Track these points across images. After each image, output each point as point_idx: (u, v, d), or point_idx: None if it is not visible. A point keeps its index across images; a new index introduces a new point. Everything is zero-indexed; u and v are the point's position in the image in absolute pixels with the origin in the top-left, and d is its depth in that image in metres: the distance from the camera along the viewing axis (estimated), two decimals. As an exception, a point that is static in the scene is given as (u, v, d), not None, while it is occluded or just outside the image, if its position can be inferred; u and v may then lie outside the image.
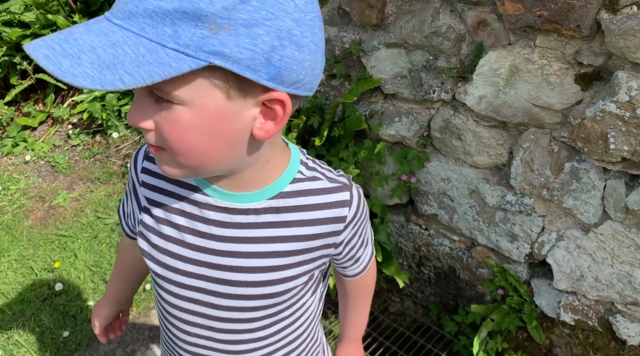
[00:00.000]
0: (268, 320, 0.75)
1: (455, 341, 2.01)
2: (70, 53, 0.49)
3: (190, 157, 0.60)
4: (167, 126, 0.57)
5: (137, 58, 0.50)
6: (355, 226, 0.74)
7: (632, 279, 1.45)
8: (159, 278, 0.74)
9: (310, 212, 0.69)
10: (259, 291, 0.71)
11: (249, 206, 0.68)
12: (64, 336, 1.95)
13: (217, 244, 0.70)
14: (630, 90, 1.25)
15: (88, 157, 2.82)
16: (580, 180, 1.46)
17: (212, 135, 0.59)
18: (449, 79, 1.66)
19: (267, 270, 0.70)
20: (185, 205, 0.71)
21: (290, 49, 0.55)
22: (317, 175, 0.71)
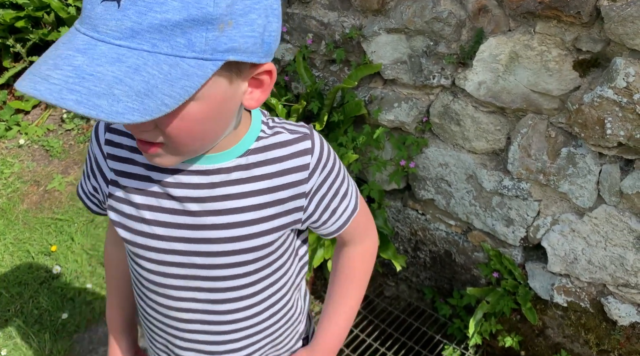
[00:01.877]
0: (249, 278, 0.76)
1: (449, 324, 2.05)
2: (100, 91, 0.47)
3: (195, 144, 0.62)
4: (177, 122, 0.57)
5: (166, 77, 0.50)
6: (322, 174, 0.75)
7: (624, 261, 1.49)
8: (137, 246, 0.75)
9: (276, 164, 0.72)
10: (238, 246, 0.73)
11: (220, 166, 0.71)
12: (63, 319, 1.96)
13: (193, 205, 0.71)
14: (627, 76, 1.28)
15: (83, 141, 2.81)
16: (577, 165, 1.50)
17: (217, 119, 0.62)
18: (449, 64, 1.68)
19: (243, 225, 0.72)
20: (155, 173, 0.72)
21: (275, 22, 0.58)
22: (278, 130, 0.74)
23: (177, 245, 0.73)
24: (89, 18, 0.50)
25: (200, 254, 0.73)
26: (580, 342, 1.72)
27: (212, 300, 0.77)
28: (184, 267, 0.74)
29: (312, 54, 2.09)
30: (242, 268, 0.75)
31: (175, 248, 0.73)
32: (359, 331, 2.06)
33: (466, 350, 1.95)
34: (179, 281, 0.76)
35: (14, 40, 2.79)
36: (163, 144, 0.60)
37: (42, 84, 0.47)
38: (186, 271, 0.75)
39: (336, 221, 0.81)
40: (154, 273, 0.76)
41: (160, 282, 0.77)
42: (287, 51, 2.17)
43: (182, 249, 0.73)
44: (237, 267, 0.75)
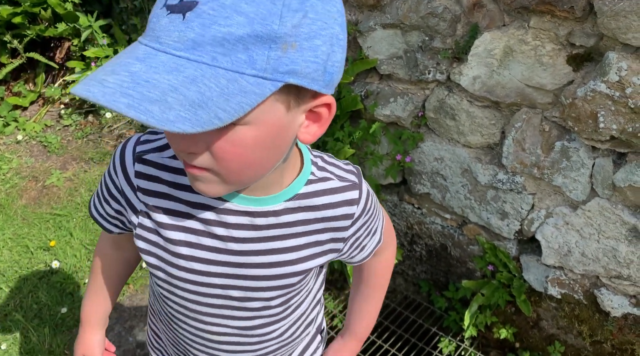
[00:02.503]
0: (280, 308, 0.80)
1: (445, 316, 2.07)
2: (154, 97, 0.46)
3: (245, 173, 0.60)
4: (228, 147, 0.56)
5: (223, 91, 0.49)
6: (362, 221, 0.77)
7: (617, 253, 1.51)
8: (170, 276, 0.75)
9: (322, 211, 0.73)
10: (275, 284, 0.75)
11: (268, 209, 0.71)
12: (62, 313, 1.98)
13: (236, 245, 0.72)
14: (620, 70, 1.30)
15: (81, 137, 2.81)
16: (570, 158, 1.52)
17: (271, 148, 0.60)
18: (444, 59, 1.69)
19: (283, 264, 0.74)
20: (199, 211, 0.71)
21: (339, 53, 0.57)
22: (327, 175, 0.74)
23: (214, 280, 0.75)
24: (153, 30, 0.50)
25: (237, 288, 0.75)
26: (574, 333, 1.74)
27: (243, 326, 0.80)
28: (219, 298, 0.77)
29: (308, 50, 2.10)
30: (275, 301, 0.78)
31: (213, 282, 0.75)
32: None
33: (462, 342, 1.98)
34: (211, 310, 0.78)
35: (11, 36, 2.80)
36: (209, 170, 0.59)
37: (96, 87, 0.47)
38: (221, 301, 0.77)
39: (361, 253, 0.84)
40: (186, 300, 0.78)
41: (191, 308, 0.79)
42: (284, 46, 2.18)
43: (219, 284, 0.75)
44: (271, 300, 0.78)
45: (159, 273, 0.77)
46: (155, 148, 0.72)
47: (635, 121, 1.32)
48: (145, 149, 0.72)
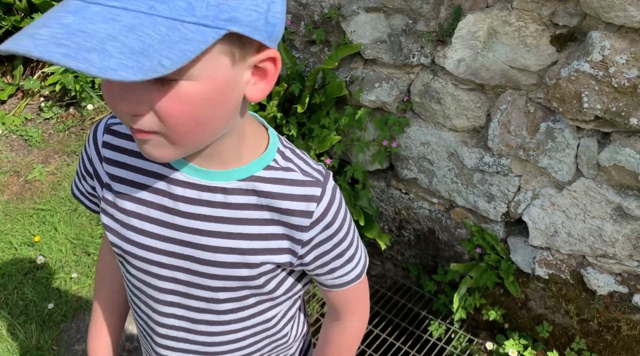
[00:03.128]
0: (230, 304, 0.74)
1: (434, 299, 2.08)
2: (91, 46, 0.44)
3: (192, 133, 0.58)
4: (175, 105, 0.54)
5: (164, 39, 0.47)
6: (327, 231, 0.71)
7: (602, 232, 1.53)
8: (125, 254, 0.73)
9: (278, 200, 0.69)
10: (222, 272, 0.71)
11: (217, 184, 0.67)
12: (49, 309, 1.95)
13: (182, 220, 0.69)
14: (603, 49, 1.30)
15: (62, 130, 2.76)
16: (555, 139, 1.52)
17: (219, 105, 0.58)
18: (428, 43, 1.68)
19: (232, 252, 0.69)
20: (152, 180, 0.69)
21: (279, 4, 0.56)
22: (291, 166, 0.70)
23: (163, 258, 0.72)
24: None
25: (183, 271, 0.72)
26: (562, 313, 1.76)
27: (193, 319, 0.76)
28: (167, 281, 0.73)
29: (291, 35, 2.07)
30: (221, 293, 0.73)
31: (161, 261, 0.72)
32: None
33: (451, 325, 1.99)
34: (160, 295, 0.74)
35: (-14, 28, 2.72)
36: (157, 133, 0.57)
37: (26, 40, 0.44)
38: (168, 284, 0.73)
39: (335, 279, 0.77)
40: (139, 280, 0.75)
41: (143, 290, 0.76)
42: (267, 33, 2.15)
43: (167, 263, 0.72)
44: (218, 292, 0.73)
45: (116, 249, 0.74)
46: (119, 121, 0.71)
47: (618, 100, 1.32)
48: (116, 121, 0.72)
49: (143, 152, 0.61)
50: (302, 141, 2.04)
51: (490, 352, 1.90)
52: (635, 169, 1.37)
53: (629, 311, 1.59)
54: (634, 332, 1.61)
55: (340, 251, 0.74)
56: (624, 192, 1.45)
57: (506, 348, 1.83)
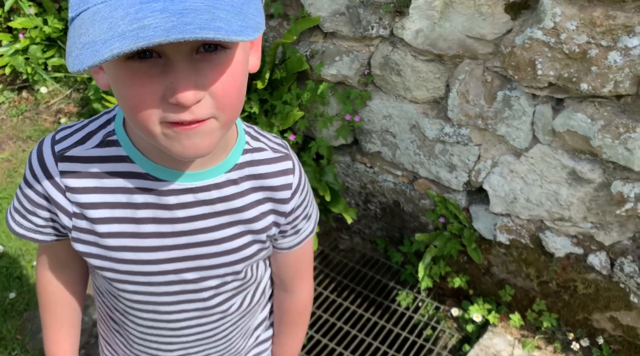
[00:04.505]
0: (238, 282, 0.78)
1: (402, 270, 2.12)
2: (209, 16, 0.47)
3: (237, 108, 0.59)
4: (227, 78, 0.55)
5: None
6: (302, 195, 0.77)
7: (558, 197, 1.58)
8: (121, 274, 0.72)
9: (262, 180, 0.72)
10: (229, 259, 0.74)
11: (209, 182, 0.69)
12: (11, 298, 1.90)
13: (183, 225, 0.70)
14: (554, 16, 1.32)
15: (16, 115, 2.66)
16: (512, 107, 1.55)
17: (246, 74, 0.59)
18: (387, 14, 1.67)
19: (234, 238, 0.73)
20: (136, 197, 0.68)
21: None
22: (262, 146, 0.74)
23: (166, 266, 0.72)
24: None
25: (191, 270, 0.73)
26: (522, 276, 1.82)
27: (204, 307, 0.77)
28: (174, 284, 0.74)
29: (249, 10, 2.03)
30: (231, 277, 0.76)
31: (164, 269, 0.72)
32: (316, 285, 2.11)
33: (418, 294, 2.04)
34: (168, 298, 0.75)
35: None
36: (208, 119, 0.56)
37: (137, 34, 0.45)
38: (177, 287, 0.74)
39: (295, 239, 0.82)
40: (140, 293, 0.75)
41: (146, 300, 0.75)
42: (224, 8, 2.10)
43: (171, 269, 0.72)
44: (226, 276, 0.75)
45: (107, 274, 0.73)
46: (77, 142, 0.68)
47: (570, 66, 1.35)
48: (66, 145, 0.68)
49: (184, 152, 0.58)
50: (265, 118, 2.02)
51: (456, 318, 1.96)
52: (587, 134, 1.41)
53: (584, 271, 1.66)
54: (589, 291, 1.68)
55: (307, 212, 0.80)
56: (577, 156, 1.50)
57: (471, 313, 1.89)
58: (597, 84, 1.33)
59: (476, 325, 1.89)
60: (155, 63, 0.52)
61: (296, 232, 0.81)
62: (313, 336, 1.90)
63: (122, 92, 0.55)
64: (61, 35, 2.56)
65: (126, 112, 0.57)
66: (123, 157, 0.67)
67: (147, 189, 0.67)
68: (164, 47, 0.51)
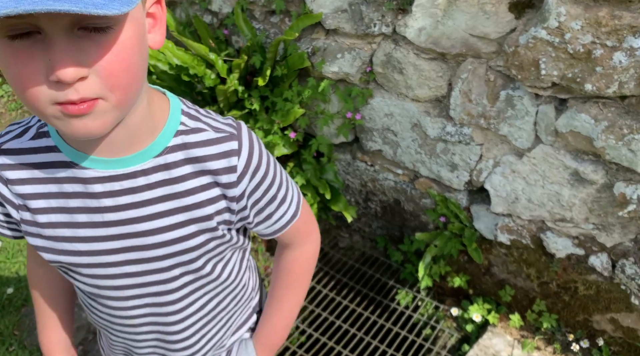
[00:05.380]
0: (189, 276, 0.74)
1: (401, 269, 2.12)
2: None
3: (131, 87, 0.57)
4: (112, 56, 0.53)
5: None
6: (255, 178, 0.71)
7: (560, 197, 1.56)
8: (67, 266, 0.72)
9: (199, 164, 0.68)
10: (169, 250, 0.70)
11: (135, 169, 0.66)
12: (9, 294, 1.90)
13: (113, 215, 0.68)
14: (559, 16, 1.30)
15: (15, 108, 2.64)
16: (515, 107, 1.53)
17: (142, 52, 0.58)
18: (389, 11, 1.66)
19: (171, 228, 0.69)
20: (65, 186, 0.67)
21: None
22: (201, 126, 0.69)
23: (104, 258, 0.70)
24: None
25: (132, 263, 0.71)
26: (523, 277, 1.82)
27: (157, 303, 0.75)
28: (120, 278, 0.72)
29: (251, 5, 2.01)
30: (180, 269, 0.72)
31: (105, 261, 0.70)
32: (315, 283, 2.10)
33: (418, 293, 2.03)
34: (120, 292, 0.73)
35: None
36: (99, 99, 0.54)
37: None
38: (124, 281, 0.72)
39: (272, 225, 0.78)
40: (91, 285, 0.73)
41: (99, 293, 0.74)
42: (225, 3, 2.08)
43: (112, 261, 0.70)
44: (174, 269, 0.72)
45: (55, 265, 0.72)
46: (15, 136, 0.68)
47: (574, 66, 1.33)
48: (5, 139, 0.68)
49: (75, 133, 0.56)
50: (266, 115, 2.00)
51: (455, 318, 1.95)
52: (590, 134, 1.40)
53: (585, 272, 1.65)
54: (590, 292, 1.67)
55: (272, 195, 0.75)
56: (580, 157, 1.49)
57: (471, 313, 1.88)
58: (602, 84, 1.31)
59: (476, 325, 1.88)
60: (36, 40, 0.51)
61: (268, 217, 0.76)
62: (312, 334, 1.90)
63: (9, 74, 0.54)
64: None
65: (17, 94, 0.56)
66: (52, 147, 0.66)
67: (74, 178, 0.66)
68: (41, 22, 0.50)
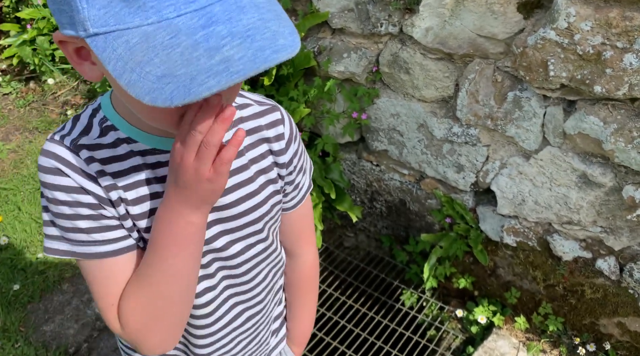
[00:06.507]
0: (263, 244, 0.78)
1: (406, 269, 2.11)
2: (270, 34, 0.48)
3: None
4: None
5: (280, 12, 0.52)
6: (294, 146, 0.77)
7: (567, 200, 1.55)
8: None
9: (256, 134, 0.73)
10: (251, 217, 0.74)
11: None
12: (15, 290, 1.91)
13: None
14: (568, 16, 1.28)
15: (23, 106, 2.66)
16: (522, 108, 1.52)
17: None
18: (396, 11, 1.64)
19: (250, 197, 0.73)
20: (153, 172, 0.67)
21: None
22: (246, 101, 0.75)
23: None
24: None
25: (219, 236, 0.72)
26: (529, 279, 1.80)
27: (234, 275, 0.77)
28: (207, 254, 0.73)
29: (257, 4, 2.00)
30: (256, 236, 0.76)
31: None
32: (319, 282, 2.10)
33: (423, 294, 2.02)
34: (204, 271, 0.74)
35: None
36: None
37: (227, 69, 0.46)
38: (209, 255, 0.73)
39: (296, 195, 0.83)
40: None
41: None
42: (232, 2, 2.08)
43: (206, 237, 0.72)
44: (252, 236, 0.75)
45: None
46: (80, 133, 0.65)
47: (583, 67, 1.32)
48: (74, 136, 0.64)
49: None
50: (271, 114, 2.00)
51: (460, 319, 1.94)
52: (599, 137, 1.38)
53: (592, 275, 1.63)
54: (597, 295, 1.65)
55: (302, 164, 0.81)
56: (589, 159, 1.47)
57: (476, 315, 1.87)
58: (611, 86, 1.29)
59: (480, 327, 1.87)
60: None
61: (296, 187, 0.82)
62: (316, 334, 1.89)
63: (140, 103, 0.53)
64: (68, 27, 2.55)
65: (142, 115, 0.59)
66: (124, 139, 0.66)
67: (158, 163, 0.67)
68: None
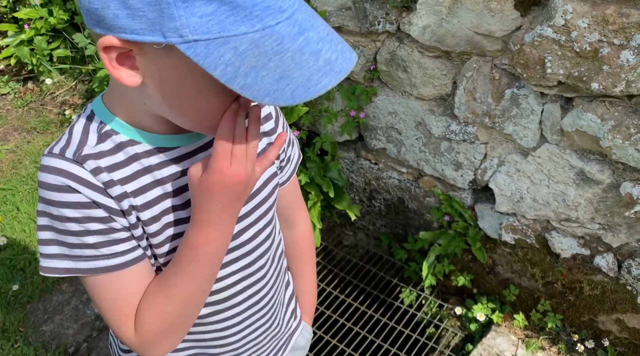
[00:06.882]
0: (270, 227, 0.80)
1: (405, 267, 2.11)
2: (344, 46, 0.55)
3: None
4: None
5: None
6: (282, 120, 0.80)
7: (565, 197, 1.55)
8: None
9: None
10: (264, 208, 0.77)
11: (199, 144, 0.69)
12: (14, 290, 1.91)
13: None
14: (565, 13, 1.28)
15: (21, 106, 2.65)
16: (520, 106, 1.52)
17: None
18: (393, 9, 1.64)
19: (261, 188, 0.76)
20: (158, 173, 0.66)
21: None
22: None
23: None
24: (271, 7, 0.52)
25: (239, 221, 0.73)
26: (527, 276, 1.80)
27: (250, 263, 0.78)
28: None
29: (255, 3, 2.00)
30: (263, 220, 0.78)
31: None
32: (318, 280, 2.10)
33: (422, 292, 2.02)
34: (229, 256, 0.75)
35: None
36: None
37: (332, 69, 0.53)
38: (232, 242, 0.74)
39: (290, 167, 0.85)
40: None
41: None
42: (230, 1, 2.08)
43: None
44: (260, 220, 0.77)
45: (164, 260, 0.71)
46: (79, 143, 0.63)
47: (580, 65, 1.32)
48: (75, 148, 0.62)
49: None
50: (269, 113, 2.00)
51: (459, 317, 1.94)
52: (597, 134, 1.38)
53: (591, 272, 1.64)
54: (595, 292, 1.66)
55: (291, 137, 0.84)
56: (586, 157, 1.47)
57: (475, 312, 1.88)
58: (609, 83, 1.29)
59: (479, 324, 1.87)
60: None
61: (289, 160, 0.85)
62: (315, 332, 1.90)
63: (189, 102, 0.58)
64: (66, 27, 2.55)
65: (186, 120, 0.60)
66: (126, 142, 0.64)
67: (163, 162, 0.66)
68: None
